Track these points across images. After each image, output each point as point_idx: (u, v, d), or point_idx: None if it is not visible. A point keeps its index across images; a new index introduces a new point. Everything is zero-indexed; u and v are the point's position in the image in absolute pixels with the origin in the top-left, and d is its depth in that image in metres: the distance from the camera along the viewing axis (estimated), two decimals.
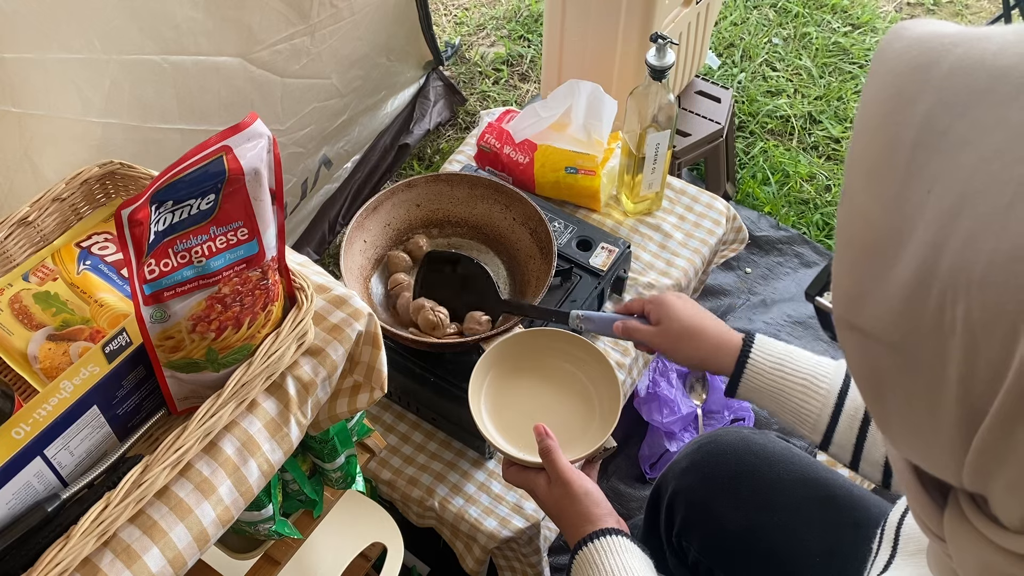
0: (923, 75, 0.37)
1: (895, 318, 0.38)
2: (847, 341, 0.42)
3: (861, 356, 0.41)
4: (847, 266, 0.41)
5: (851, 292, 0.41)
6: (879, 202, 0.39)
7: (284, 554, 1.09)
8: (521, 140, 1.42)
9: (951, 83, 0.37)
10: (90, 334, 0.86)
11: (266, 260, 0.77)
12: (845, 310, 0.41)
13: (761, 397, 0.96)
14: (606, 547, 0.87)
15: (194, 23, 1.27)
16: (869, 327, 0.40)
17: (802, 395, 0.92)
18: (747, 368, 0.95)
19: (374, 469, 1.26)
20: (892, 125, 0.38)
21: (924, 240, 0.36)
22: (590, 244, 1.35)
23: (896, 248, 0.38)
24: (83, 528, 0.66)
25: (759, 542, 0.99)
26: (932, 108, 0.37)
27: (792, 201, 2.02)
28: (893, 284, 0.38)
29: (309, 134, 1.68)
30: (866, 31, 2.38)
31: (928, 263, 0.36)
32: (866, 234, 0.39)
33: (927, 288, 0.36)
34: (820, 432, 0.92)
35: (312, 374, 0.83)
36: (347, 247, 1.26)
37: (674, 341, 1.01)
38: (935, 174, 0.36)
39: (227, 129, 0.70)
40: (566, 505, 0.92)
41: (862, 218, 0.40)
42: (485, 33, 2.42)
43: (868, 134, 0.40)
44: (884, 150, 0.39)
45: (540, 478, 0.95)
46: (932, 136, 0.37)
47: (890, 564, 0.64)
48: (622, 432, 1.60)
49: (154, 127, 1.29)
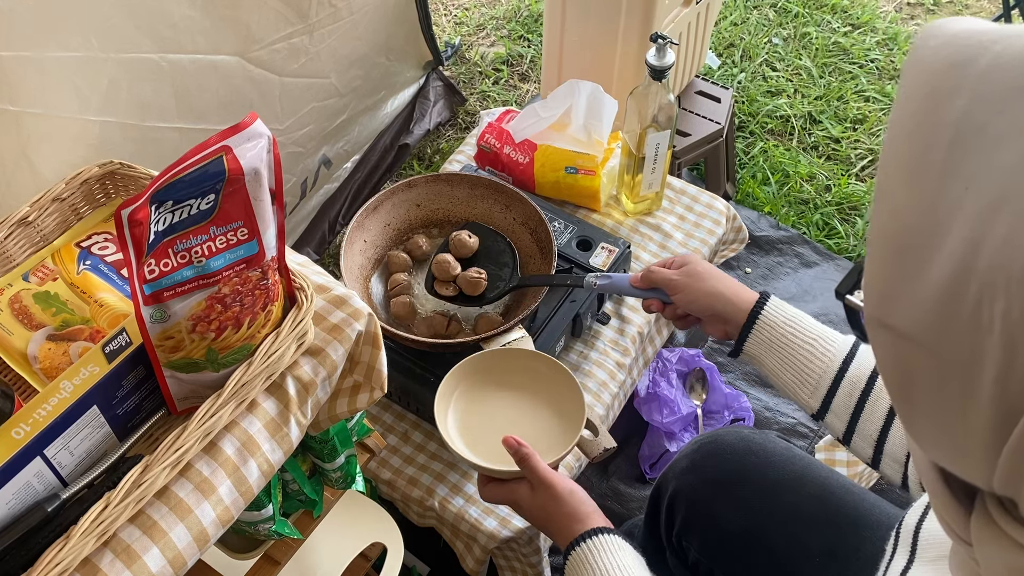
0: (960, 72, 0.37)
1: (930, 317, 0.38)
2: (878, 340, 0.42)
3: (892, 356, 0.41)
4: (880, 264, 0.40)
5: (884, 291, 0.40)
6: (915, 200, 0.38)
7: (284, 554, 1.09)
8: (521, 140, 1.42)
9: (989, 79, 0.36)
10: (90, 334, 0.85)
11: (266, 260, 0.76)
12: (877, 309, 0.41)
13: (767, 352, 0.96)
14: (599, 546, 0.87)
15: (192, 22, 1.27)
16: (902, 326, 0.39)
17: (808, 354, 0.93)
18: (759, 319, 0.96)
19: (374, 469, 1.26)
20: (928, 123, 0.38)
21: (961, 237, 0.36)
22: (590, 244, 1.35)
23: (932, 246, 0.37)
24: (83, 528, 0.66)
25: (759, 542, 0.99)
26: (969, 105, 0.36)
27: (792, 201, 2.02)
28: (928, 283, 0.37)
29: (308, 134, 1.68)
30: (866, 31, 2.38)
31: (966, 261, 0.36)
32: (901, 232, 0.39)
33: (964, 286, 0.36)
34: (819, 397, 0.92)
35: (312, 374, 0.83)
36: (347, 247, 1.26)
37: (694, 281, 1.02)
38: (973, 171, 0.36)
39: (227, 129, 0.70)
40: (553, 508, 0.92)
41: (897, 216, 0.39)
42: (485, 33, 2.41)
43: (904, 132, 0.39)
44: (920, 148, 0.38)
45: (522, 488, 0.95)
46: (969, 133, 0.36)
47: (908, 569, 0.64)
48: (622, 432, 1.60)
49: (152, 126, 1.28)
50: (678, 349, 1.66)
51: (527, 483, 0.95)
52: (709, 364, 1.64)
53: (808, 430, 1.67)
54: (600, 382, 1.32)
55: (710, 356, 1.74)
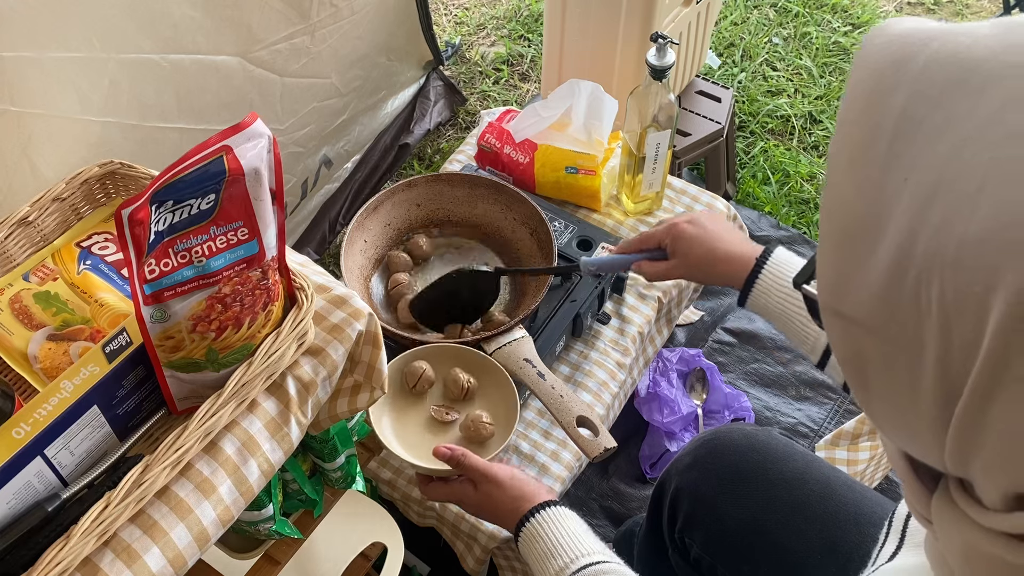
0: (901, 68, 0.39)
1: (875, 303, 0.40)
2: (832, 327, 0.43)
3: (845, 342, 0.43)
4: (830, 254, 0.42)
5: (834, 279, 0.42)
6: (859, 190, 0.40)
7: (284, 554, 1.09)
8: (521, 140, 1.42)
9: (927, 75, 0.38)
10: (90, 334, 0.86)
11: (266, 260, 0.76)
12: (829, 296, 0.42)
13: (766, 315, 1.01)
14: (546, 518, 0.91)
15: (192, 22, 1.27)
16: (852, 312, 0.41)
17: (803, 320, 0.97)
18: (755, 287, 1.00)
19: (374, 469, 1.26)
20: (872, 116, 0.40)
21: (901, 226, 0.38)
22: (590, 244, 1.35)
23: (876, 235, 0.39)
24: (83, 528, 0.66)
25: (761, 538, 0.99)
26: (909, 99, 0.38)
27: (792, 201, 2.02)
28: (873, 270, 0.39)
29: (309, 133, 1.68)
30: (866, 31, 2.38)
31: (905, 248, 0.38)
32: (847, 222, 0.41)
33: (904, 272, 0.38)
34: (818, 353, 0.96)
35: (312, 374, 0.83)
36: (347, 247, 1.26)
37: (690, 271, 1.07)
38: (912, 163, 0.38)
39: (227, 129, 0.70)
40: (497, 495, 0.96)
41: (843, 206, 0.41)
42: (485, 33, 2.41)
43: (849, 125, 0.41)
44: (864, 140, 0.40)
45: (464, 486, 0.99)
46: (909, 126, 0.38)
47: (896, 554, 0.65)
48: (622, 432, 1.60)
49: (153, 126, 1.28)
50: (678, 349, 1.66)
51: (468, 480, 0.99)
52: (709, 364, 1.64)
53: (809, 429, 1.67)
54: (600, 382, 1.32)
55: (710, 356, 1.74)
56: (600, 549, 0.89)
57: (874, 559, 0.69)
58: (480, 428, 1.07)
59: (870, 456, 1.34)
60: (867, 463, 1.35)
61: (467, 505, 0.99)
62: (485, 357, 1.14)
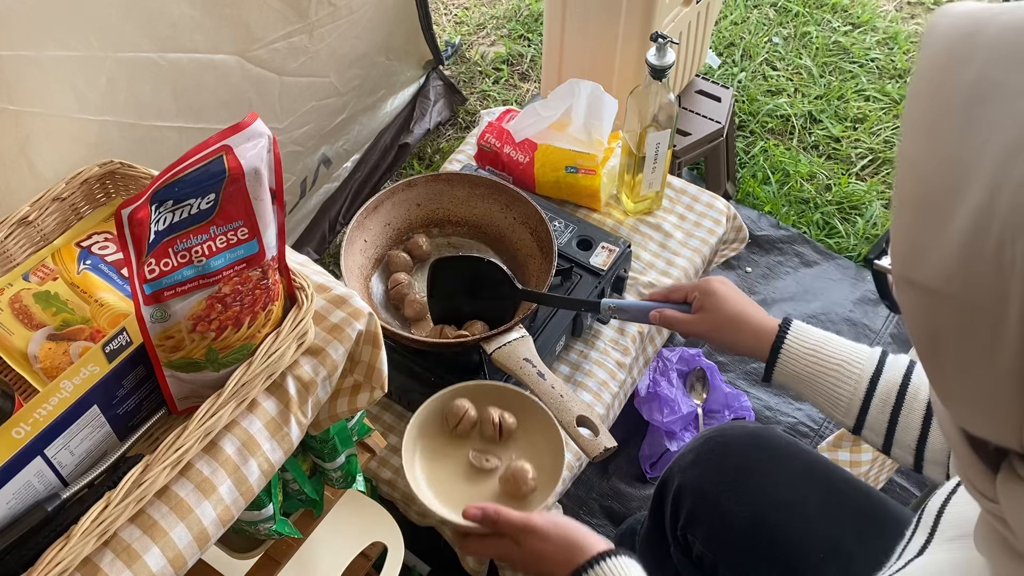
0: (973, 39, 0.40)
1: (954, 267, 0.39)
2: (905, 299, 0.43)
3: (919, 312, 0.42)
4: (905, 223, 0.42)
5: (910, 248, 0.42)
6: (936, 158, 0.40)
7: (284, 554, 1.09)
8: (521, 139, 1.42)
9: (1001, 42, 0.39)
10: (90, 334, 0.85)
11: (266, 260, 0.76)
12: (903, 266, 0.42)
13: (795, 382, 0.97)
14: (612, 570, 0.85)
15: (191, 20, 1.27)
16: (928, 280, 0.41)
17: (835, 380, 0.94)
18: (781, 353, 0.97)
19: (374, 468, 1.26)
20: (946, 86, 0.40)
21: (982, 185, 0.38)
22: (590, 243, 1.35)
23: (954, 199, 0.39)
24: (83, 528, 0.66)
25: (763, 536, 0.99)
26: (984, 66, 0.39)
27: (792, 200, 2.02)
28: (951, 234, 0.39)
29: (307, 133, 1.68)
30: (866, 30, 2.38)
31: (986, 208, 0.38)
32: (923, 189, 0.41)
33: (986, 231, 0.38)
34: (853, 416, 0.93)
35: (312, 374, 0.83)
36: (347, 246, 1.26)
37: (716, 329, 1.03)
38: (990, 125, 0.38)
39: (227, 128, 0.70)
40: (542, 549, 0.89)
41: (919, 175, 0.41)
42: (485, 32, 2.41)
43: (923, 98, 0.42)
44: (939, 109, 0.40)
45: (504, 543, 0.93)
46: (986, 91, 0.39)
47: (926, 548, 0.65)
48: (622, 432, 1.60)
49: (151, 125, 1.28)
50: (678, 348, 1.66)
51: (508, 538, 0.93)
52: (709, 363, 1.64)
53: (809, 429, 1.67)
54: (600, 381, 1.32)
55: (711, 355, 1.74)
56: None
57: (899, 553, 0.69)
58: (520, 484, 1.00)
59: (872, 457, 1.34)
60: (870, 464, 1.35)
61: (513, 563, 0.93)
62: (526, 396, 1.07)
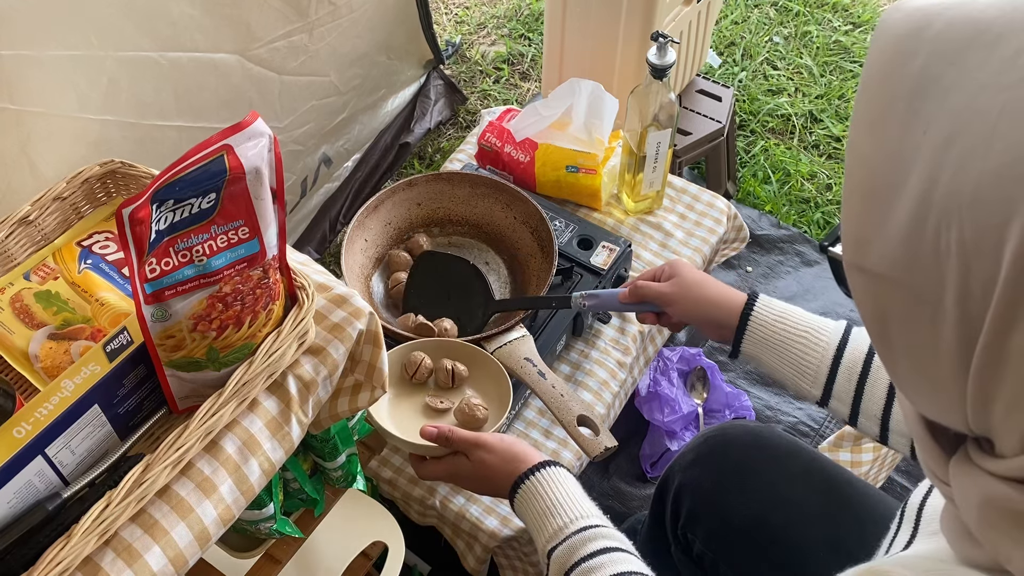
0: (918, 35, 0.41)
1: (897, 253, 0.41)
2: (856, 285, 0.45)
3: (868, 298, 0.44)
4: (854, 212, 0.44)
5: (858, 236, 0.44)
6: (881, 149, 0.42)
7: (285, 553, 1.09)
8: (522, 139, 1.42)
9: (943, 37, 0.40)
10: (91, 333, 0.85)
11: (267, 259, 0.76)
12: (853, 254, 0.44)
13: (764, 350, 0.98)
14: (546, 477, 0.90)
15: (191, 20, 1.27)
16: (875, 267, 0.43)
17: (803, 346, 0.95)
18: (751, 320, 0.98)
19: (375, 468, 1.26)
20: (892, 79, 0.42)
21: (921, 176, 0.40)
22: (591, 243, 1.35)
23: (896, 189, 0.41)
24: (84, 527, 0.66)
25: (764, 535, 0.99)
26: (927, 60, 0.41)
27: (793, 200, 2.02)
28: (895, 222, 0.41)
29: (308, 132, 1.68)
30: (867, 30, 2.38)
31: (924, 196, 0.39)
32: (869, 180, 0.43)
33: (924, 220, 0.40)
34: (820, 385, 0.94)
35: (313, 373, 0.83)
36: (348, 246, 1.26)
37: (684, 291, 1.04)
38: (930, 116, 0.40)
39: (228, 128, 0.70)
40: (490, 460, 0.94)
41: (865, 165, 0.43)
42: (486, 32, 2.41)
43: (870, 90, 0.43)
44: (885, 102, 0.42)
45: (457, 459, 0.98)
46: (927, 84, 0.40)
47: (911, 543, 0.65)
48: (623, 431, 1.60)
49: (151, 124, 1.28)
50: (679, 348, 1.66)
51: (460, 454, 0.98)
52: (710, 363, 1.64)
53: (810, 429, 1.67)
54: (601, 381, 1.32)
55: (711, 355, 1.74)
56: (598, 514, 0.88)
57: (887, 548, 0.69)
58: (474, 411, 1.07)
59: (873, 457, 1.34)
60: (871, 464, 1.35)
61: (461, 479, 0.98)
62: (476, 349, 1.15)
